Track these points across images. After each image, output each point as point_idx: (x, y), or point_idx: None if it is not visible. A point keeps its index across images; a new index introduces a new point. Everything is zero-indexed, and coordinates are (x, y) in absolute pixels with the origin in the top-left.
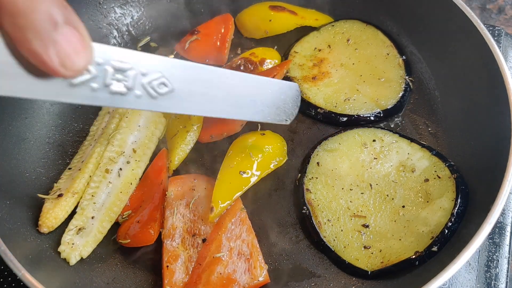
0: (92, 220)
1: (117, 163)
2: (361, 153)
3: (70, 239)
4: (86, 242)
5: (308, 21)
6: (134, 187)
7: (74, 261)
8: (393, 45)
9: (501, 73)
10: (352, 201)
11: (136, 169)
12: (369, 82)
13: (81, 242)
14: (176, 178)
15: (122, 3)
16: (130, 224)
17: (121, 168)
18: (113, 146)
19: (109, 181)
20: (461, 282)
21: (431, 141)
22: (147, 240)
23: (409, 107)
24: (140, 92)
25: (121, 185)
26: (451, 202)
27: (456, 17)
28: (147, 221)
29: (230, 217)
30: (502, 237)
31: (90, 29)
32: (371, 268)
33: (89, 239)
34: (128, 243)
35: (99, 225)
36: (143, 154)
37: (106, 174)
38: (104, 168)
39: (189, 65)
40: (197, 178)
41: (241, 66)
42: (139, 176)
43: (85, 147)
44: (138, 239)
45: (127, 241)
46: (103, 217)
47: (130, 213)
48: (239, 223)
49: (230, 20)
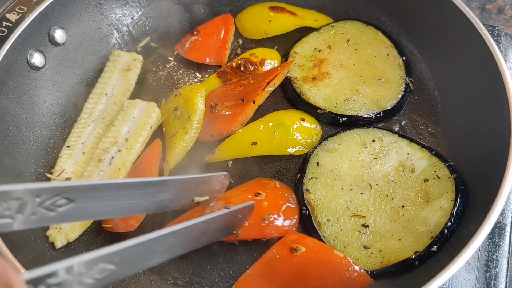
0: None
1: (109, 152)
2: (361, 153)
3: (58, 224)
4: (73, 226)
5: (308, 21)
6: (124, 172)
7: (60, 244)
8: (393, 46)
9: (500, 73)
10: (351, 201)
11: (126, 156)
12: (369, 83)
13: (68, 226)
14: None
15: (122, 3)
16: None
17: (113, 156)
18: (107, 138)
19: (100, 169)
20: (460, 282)
21: (431, 141)
22: (128, 227)
23: (409, 107)
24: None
25: (111, 171)
26: (451, 202)
27: (455, 17)
28: None
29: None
30: (501, 237)
31: (90, 30)
32: (370, 268)
33: (76, 223)
34: (110, 227)
35: None
36: (134, 142)
37: (99, 163)
38: (98, 158)
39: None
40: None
41: (241, 66)
42: (129, 163)
43: (81, 125)
44: (120, 225)
45: (110, 225)
46: None
47: None
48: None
49: (230, 21)
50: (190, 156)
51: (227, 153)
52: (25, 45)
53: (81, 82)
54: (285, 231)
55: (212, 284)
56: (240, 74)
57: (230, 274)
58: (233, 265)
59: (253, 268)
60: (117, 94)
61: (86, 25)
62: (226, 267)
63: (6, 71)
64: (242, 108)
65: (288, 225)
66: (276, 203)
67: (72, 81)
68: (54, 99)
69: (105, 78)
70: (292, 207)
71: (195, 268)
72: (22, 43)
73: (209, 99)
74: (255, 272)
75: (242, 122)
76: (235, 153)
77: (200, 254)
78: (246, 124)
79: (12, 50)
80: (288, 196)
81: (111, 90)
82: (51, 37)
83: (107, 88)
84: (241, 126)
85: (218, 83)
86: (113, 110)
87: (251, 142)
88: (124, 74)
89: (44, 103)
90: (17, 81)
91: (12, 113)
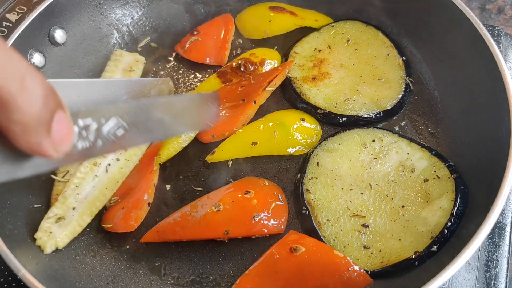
0: (72, 211)
1: (106, 158)
2: (361, 153)
3: (48, 227)
4: (64, 233)
5: (308, 22)
6: (119, 185)
7: (50, 250)
8: (393, 46)
9: (500, 73)
10: (351, 201)
11: (124, 168)
12: (369, 83)
13: (59, 232)
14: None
15: (122, 3)
16: (116, 210)
17: (110, 164)
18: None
19: (95, 175)
20: (460, 282)
21: (431, 141)
22: (128, 227)
23: (409, 107)
24: (102, 142)
25: (108, 181)
26: (451, 202)
27: (455, 17)
28: (131, 208)
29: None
30: (501, 237)
31: (90, 30)
32: (370, 268)
33: (67, 231)
34: (110, 227)
35: (79, 218)
36: (133, 154)
37: (94, 167)
38: (93, 161)
39: (138, 104)
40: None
41: (241, 66)
42: (126, 176)
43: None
44: (121, 225)
45: (109, 225)
46: (84, 209)
47: (118, 199)
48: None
49: (230, 21)
50: (191, 156)
51: (227, 153)
52: (25, 45)
53: None
54: (275, 229)
55: (212, 284)
56: (240, 74)
57: (230, 274)
58: (233, 265)
59: (253, 268)
60: None
61: (86, 25)
62: (226, 267)
63: None
64: (243, 108)
65: (277, 222)
66: (265, 201)
67: None
68: None
69: (106, 77)
70: (281, 205)
71: (195, 268)
72: (22, 43)
73: None
74: (255, 272)
75: (243, 122)
76: (235, 153)
77: (200, 254)
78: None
79: None
80: (277, 194)
81: None
82: (51, 37)
83: None
84: (242, 126)
85: (218, 83)
86: None
87: (251, 142)
88: (126, 75)
89: None
90: None
91: None
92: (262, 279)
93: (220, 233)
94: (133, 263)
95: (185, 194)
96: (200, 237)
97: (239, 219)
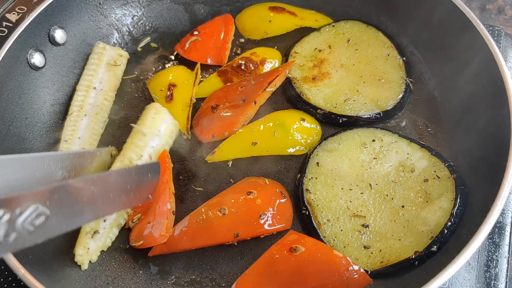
0: (104, 223)
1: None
2: (361, 153)
3: (87, 242)
4: (97, 246)
5: (308, 22)
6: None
7: (87, 266)
8: (393, 46)
9: (501, 73)
10: (351, 201)
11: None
12: (369, 83)
13: (93, 246)
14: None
15: (122, 3)
16: (142, 227)
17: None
18: (136, 147)
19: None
20: (460, 282)
21: (431, 141)
22: (160, 239)
23: (409, 108)
24: (16, 234)
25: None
26: (451, 202)
27: (456, 17)
28: (158, 221)
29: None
30: (501, 237)
31: (90, 30)
32: (371, 268)
33: (100, 244)
34: (141, 244)
35: (109, 230)
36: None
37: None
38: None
39: (63, 185)
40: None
41: (242, 66)
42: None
43: (74, 119)
44: (152, 239)
45: (140, 242)
46: (113, 222)
47: (140, 216)
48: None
49: (230, 21)
50: (190, 156)
51: (227, 153)
52: (25, 45)
53: None
54: (282, 225)
55: (212, 284)
56: (240, 73)
57: (230, 274)
58: (233, 265)
59: (253, 268)
60: (107, 90)
61: (86, 25)
62: (226, 267)
63: (6, 71)
64: (243, 108)
65: (284, 218)
66: (269, 199)
67: (72, 81)
68: (54, 99)
69: (90, 70)
70: (285, 201)
71: (195, 268)
72: (22, 43)
73: (210, 100)
74: (255, 272)
75: (244, 122)
76: (235, 153)
77: (200, 254)
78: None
79: (12, 50)
80: (279, 191)
81: (99, 84)
82: (51, 37)
83: (95, 82)
84: (242, 126)
85: (218, 82)
86: (105, 105)
87: (251, 142)
88: (111, 69)
89: (44, 103)
90: (17, 81)
91: (12, 113)
92: (262, 279)
93: (230, 237)
94: (133, 263)
95: (185, 194)
96: (211, 243)
97: (246, 220)
